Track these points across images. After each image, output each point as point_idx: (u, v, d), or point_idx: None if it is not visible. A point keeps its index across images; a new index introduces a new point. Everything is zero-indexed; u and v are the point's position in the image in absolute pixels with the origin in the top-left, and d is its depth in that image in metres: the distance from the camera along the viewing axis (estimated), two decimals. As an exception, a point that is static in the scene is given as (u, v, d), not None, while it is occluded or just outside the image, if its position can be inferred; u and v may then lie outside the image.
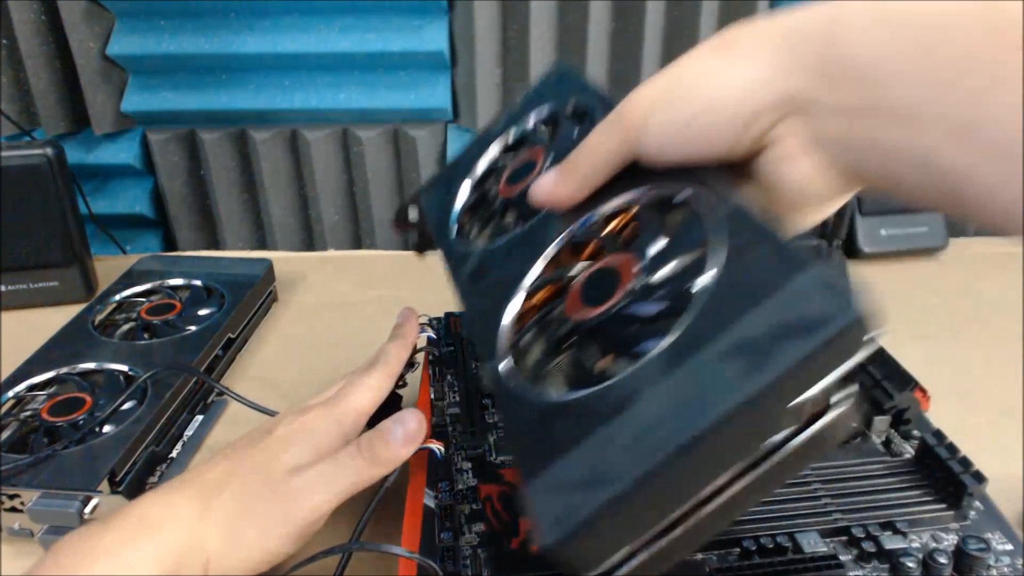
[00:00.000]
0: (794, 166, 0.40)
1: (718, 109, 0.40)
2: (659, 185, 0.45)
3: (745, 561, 0.52)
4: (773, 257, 0.35)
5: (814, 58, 0.37)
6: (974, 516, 0.56)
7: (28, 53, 1.21)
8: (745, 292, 0.35)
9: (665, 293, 0.41)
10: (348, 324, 0.98)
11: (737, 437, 0.33)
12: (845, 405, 0.32)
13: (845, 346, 0.31)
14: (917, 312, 0.97)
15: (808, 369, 0.31)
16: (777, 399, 0.32)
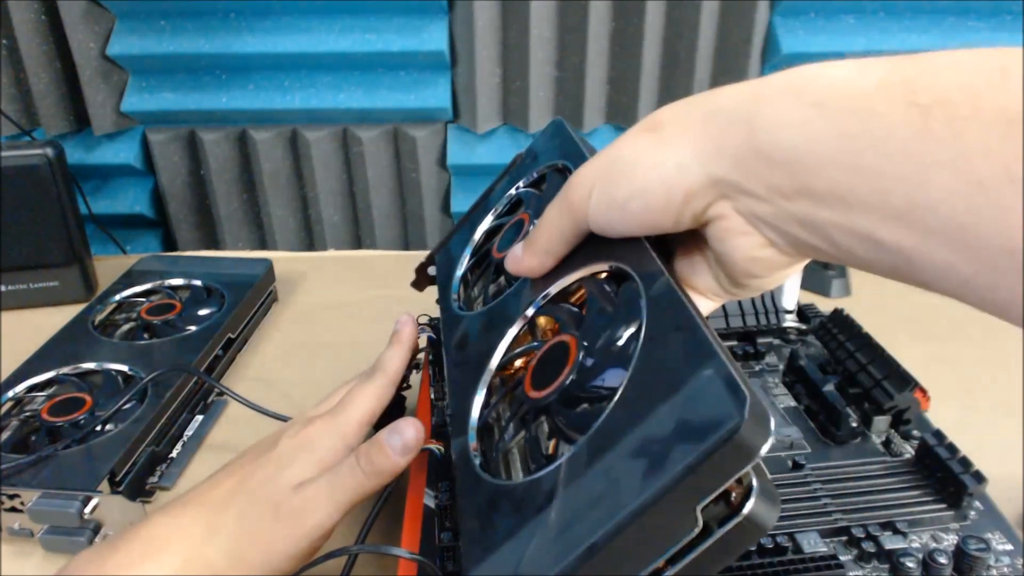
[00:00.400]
0: (739, 242, 0.40)
1: (650, 192, 0.40)
2: (602, 260, 0.46)
3: (745, 561, 0.52)
4: (684, 347, 0.35)
5: (737, 143, 0.37)
6: (974, 516, 0.56)
7: (28, 53, 1.21)
8: (656, 384, 0.35)
9: (596, 378, 0.41)
10: (348, 324, 0.98)
11: (641, 539, 0.32)
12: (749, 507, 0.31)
13: (737, 449, 0.30)
14: (917, 312, 0.97)
15: (703, 472, 0.30)
16: (678, 502, 0.31)
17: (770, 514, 0.32)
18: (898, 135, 0.31)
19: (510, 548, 0.37)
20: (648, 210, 0.41)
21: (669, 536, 0.32)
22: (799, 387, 0.69)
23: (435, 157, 1.32)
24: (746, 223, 0.39)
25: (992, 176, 0.28)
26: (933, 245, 0.31)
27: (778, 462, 0.61)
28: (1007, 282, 0.29)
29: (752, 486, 0.31)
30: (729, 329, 0.75)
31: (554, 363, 0.44)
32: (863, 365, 0.66)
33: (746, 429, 0.29)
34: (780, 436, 0.62)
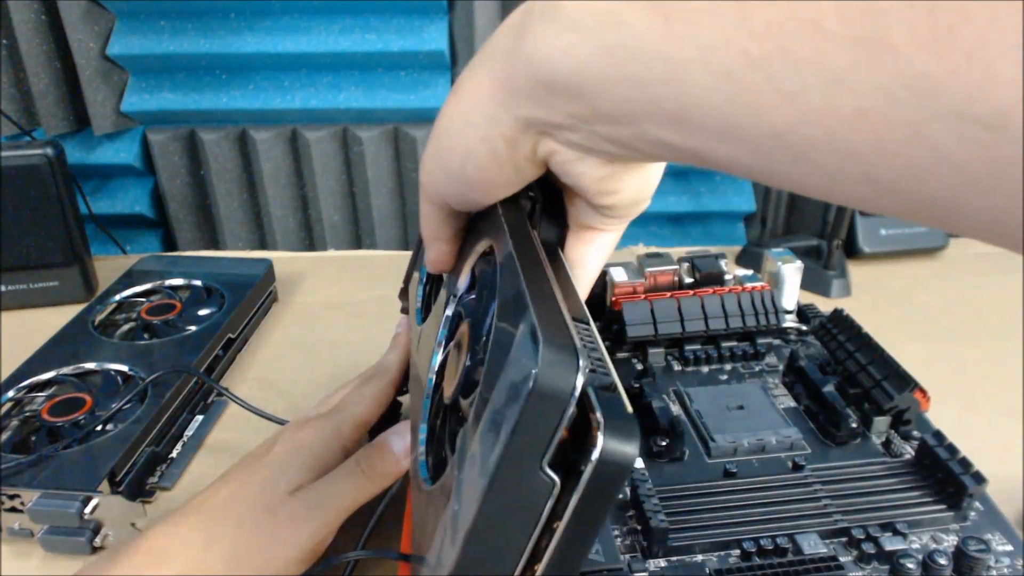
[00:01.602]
0: (580, 168, 0.40)
1: (475, 152, 0.40)
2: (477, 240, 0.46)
3: (745, 562, 0.52)
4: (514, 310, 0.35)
5: (523, 81, 0.36)
6: (974, 517, 0.56)
7: (28, 53, 1.20)
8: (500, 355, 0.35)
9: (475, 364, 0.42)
10: (348, 324, 0.98)
11: (508, 510, 0.32)
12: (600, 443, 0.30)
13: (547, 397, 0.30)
14: (917, 312, 0.97)
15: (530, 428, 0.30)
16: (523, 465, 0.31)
17: (625, 447, 0.30)
18: (648, 41, 0.30)
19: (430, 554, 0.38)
20: (483, 169, 0.41)
21: (532, 505, 0.32)
22: (799, 387, 0.69)
23: (435, 157, 1.32)
24: (572, 151, 0.39)
25: (735, 65, 0.27)
26: (713, 142, 0.30)
27: (778, 463, 0.61)
28: (783, 166, 0.29)
29: (598, 425, 0.30)
30: (729, 329, 0.75)
31: (458, 356, 0.45)
32: (863, 365, 0.66)
33: (543, 377, 0.29)
34: (779, 437, 0.62)
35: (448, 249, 0.49)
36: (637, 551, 0.54)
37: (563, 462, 0.31)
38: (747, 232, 1.38)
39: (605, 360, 0.33)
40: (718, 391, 0.69)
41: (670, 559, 0.53)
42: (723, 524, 0.54)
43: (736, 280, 0.79)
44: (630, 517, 0.56)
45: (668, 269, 0.78)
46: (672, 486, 0.58)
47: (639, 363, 0.74)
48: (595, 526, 0.32)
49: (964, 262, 1.11)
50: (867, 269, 1.07)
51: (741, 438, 0.62)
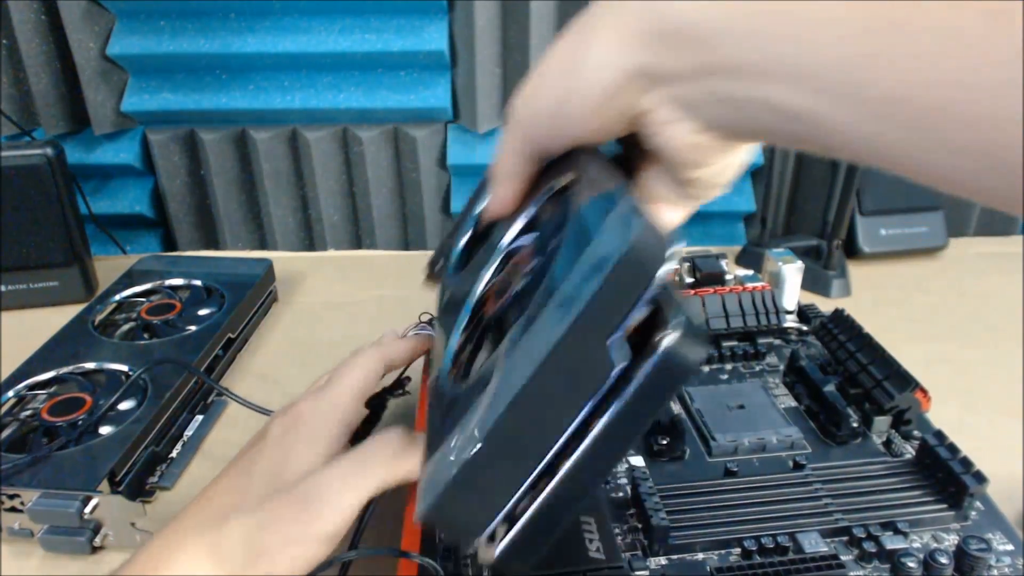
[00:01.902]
0: (674, 131, 0.40)
1: (579, 93, 0.41)
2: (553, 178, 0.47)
3: (746, 561, 0.52)
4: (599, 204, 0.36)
5: (649, 28, 0.37)
6: (975, 516, 0.56)
7: (28, 53, 1.20)
8: (577, 246, 0.35)
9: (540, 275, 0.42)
10: (348, 324, 0.98)
11: (565, 382, 0.32)
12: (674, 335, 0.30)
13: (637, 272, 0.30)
14: (917, 312, 0.97)
15: (608, 302, 0.31)
16: (593, 336, 0.31)
17: (693, 351, 0.31)
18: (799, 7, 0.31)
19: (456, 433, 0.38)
20: (582, 113, 0.41)
21: (588, 379, 0.32)
22: (799, 387, 0.69)
23: (435, 157, 1.32)
24: (674, 110, 0.39)
25: (874, 24, 0.28)
26: (832, 104, 0.31)
27: (779, 462, 0.61)
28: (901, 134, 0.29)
29: (674, 323, 0.31)
30: (730, 329, 0.75)
31: (512, 278, 0.46)
32: (864, 365, 0.66)
33: (636, 251, 0.30)
34: (780, 436, 0.62)
35: (518, 188, 0.49)
36: (638, 549, 0.54)
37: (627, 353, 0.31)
38: (747, 232, 1.38)
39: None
40: (719, 391, 0.69)
41: (671, 557, 0.53)
42: (724, 522, 0.54)
43: (737, 280, 0.79)
44: (631, 515, 0.56)
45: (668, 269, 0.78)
46: (673, 485, 0.58)
47: (640, 363, 0.74)
48: (641, 422, 0.32)
49: (964, 262, 1.11)
50: (867, 269, 1.07)
51: (742, 437, 0.62)
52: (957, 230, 1.22)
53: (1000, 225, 1.30)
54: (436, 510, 0.36)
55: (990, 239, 1.23)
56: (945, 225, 1.12)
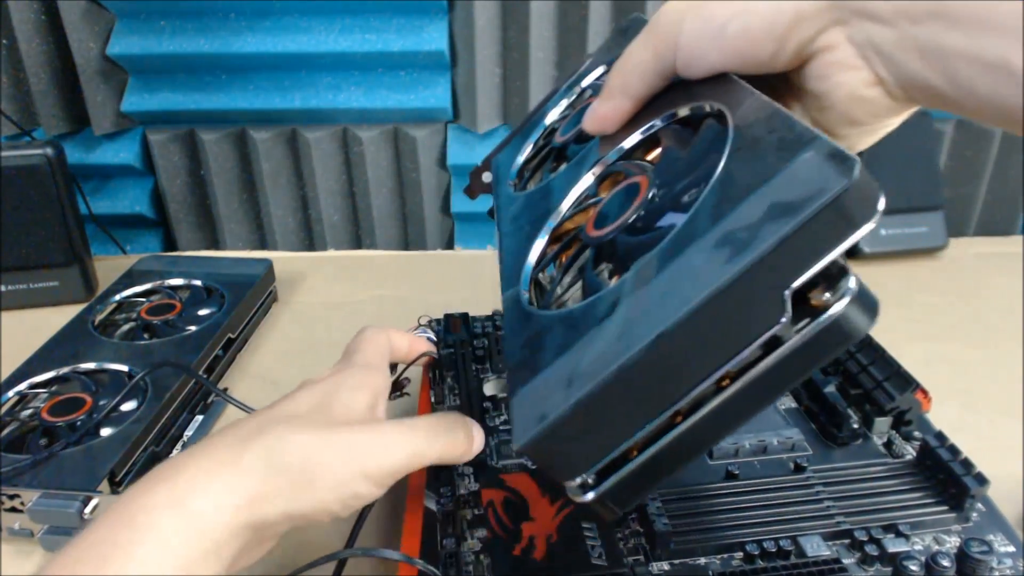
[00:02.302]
0: (845, 78, 0.37)
1: (753, 12, 0.37)
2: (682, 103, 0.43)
3: (748, 565, 0.52)
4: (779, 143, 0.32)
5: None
6: (976, 518, 0.56)
7: (28, 53, 1.20)
8: (743, 182, 0.32)
9: (669, 202, 0.39)
10: (348, 324, 0.97)
11: (720, 330, 0.30)
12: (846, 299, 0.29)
13: (840, 220, 0.28)
14: (917, 312, 0.97)
15: (797, 247, 0.28)
16: (765, 284, 0.29)
17: (863, 320, 0.29)
18: None
19: (560, 363, 0.35)
20: (748, 35, 0.38)
21: (755, 322, 0.30)
22: (799, 388, 0.69)
23: (435, 157, 1.32)
24: (857, 55, 0.36)
25: None
26: None
27: (780, 464, 0.61)
28: None
29: (848, 288, 0.29)
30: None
31: (621, 204, 0.42)
32: (864, 366, 0.66)
33: (854, 193, 0.27)
34: (781, 438, 0.62)
35: (631, 109, 0.46)
36: (640, 554, 0.53)
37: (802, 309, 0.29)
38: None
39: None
40: (719, 392, 0.69)
41: (673, 562, 0.53)
42: (726, 526, 0.54)
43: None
44: (633, 519, 0.56)
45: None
46: (674, 488, 0.57)
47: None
48: (788, 383, 0.31)
49: (964, 262, 1.11)
50: (867, 269, 1.07)
51: (742, 439, 0.62)
52: (957, 230, 1.22)
53: (1000, 225, 1.30)
54: (537, 444, 0.33)
55: (990, 239, 1.23)
56: (945, 225, 1.12)
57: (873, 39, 0.35)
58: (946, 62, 0.32)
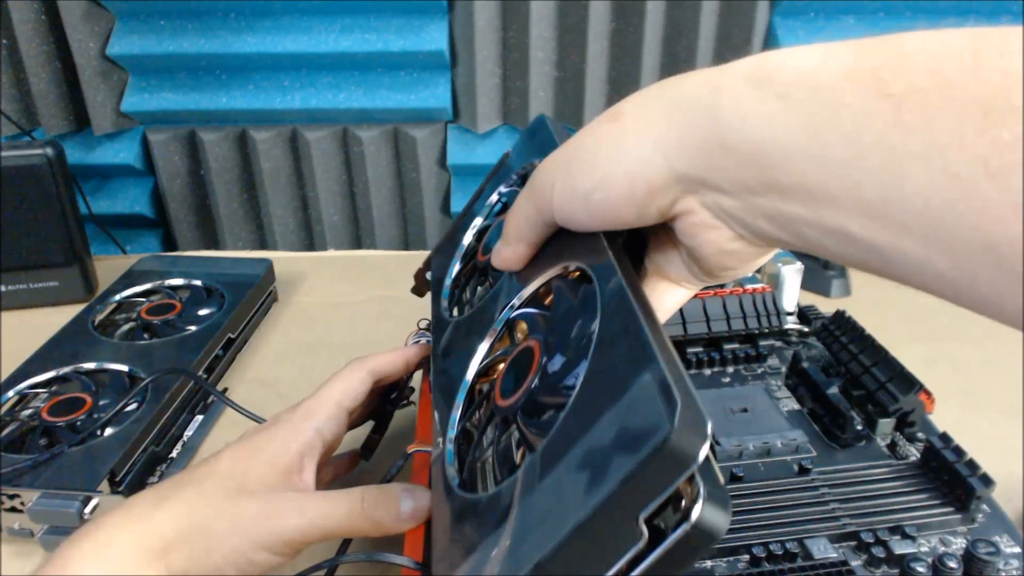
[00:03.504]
0: (709, 236, 0.39)
1: (612, 184, 0.39)
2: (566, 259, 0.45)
3: (754, 568, 0.51)
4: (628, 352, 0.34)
5: (700, 136, 0.35)
6: (981, 519, 0.56)
7: (28, 53, 1.20)
8: (603, 391, 0.34)
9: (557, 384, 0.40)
10: (348, 324, 0.97)
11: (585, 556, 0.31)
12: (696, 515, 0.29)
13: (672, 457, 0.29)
14: (917, 312, 0.96)
15: (642, 482, 0.30)
16: (620, 514, 0.30)
17: (719, 520, 0.30)
18: (869, 127, 0.29)
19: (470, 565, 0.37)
20: (611, 203, 0.39)
21: (614, 549, 0.31)
22: (802, 390, 0.69)
23: (435, 157, 1.32)
24: (713, 217, 0.37)
25: (968, 169, 0.26)
26: (908, 240, 0.29)
27: (784, 466, 0.61)
28: (987, 277, 0.27)
29: (699, 492, 0.30)
30: (731, 331, 0.74)
31: (521, 369, 0.44)
32: (867, 367, 0.66)
33: (676, 438, 0.28)
34: (785, 440, 0.62)
35: (527, 253, 0.48)
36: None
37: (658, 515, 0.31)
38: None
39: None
40: (721, 394, 0.69)
41: (679, 564, 0.53)
42: (731, 529, 0.54)
43: (736, 282, 0.79)
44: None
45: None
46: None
47: (642, 365, 0.74)
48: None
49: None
50: (868, 270, 1.07)
51: (746, 441, 0.62)
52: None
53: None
54: None
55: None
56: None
57: (722, 206, 0.37)
58: (792, 227, 0.34)
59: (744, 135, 0.33)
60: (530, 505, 0.35)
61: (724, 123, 0.34)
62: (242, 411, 0.74)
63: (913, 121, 0.28)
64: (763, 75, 0.33)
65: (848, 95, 0.30)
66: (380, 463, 0.66)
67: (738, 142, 0.34)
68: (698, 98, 0.36)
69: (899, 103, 0.28)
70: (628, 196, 0.39)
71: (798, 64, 0.33)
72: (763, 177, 0.33)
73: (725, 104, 0.34)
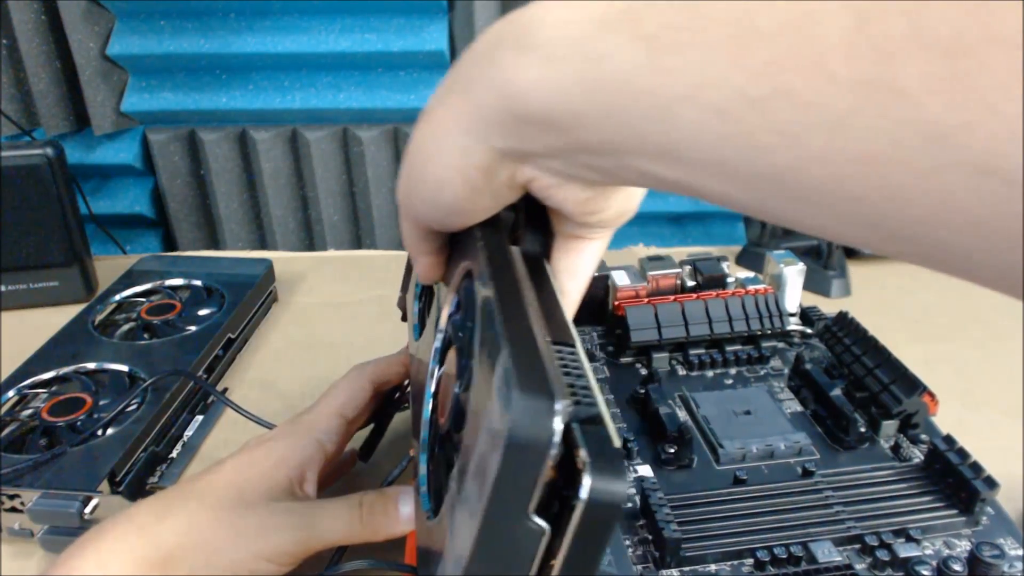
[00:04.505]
0: (561, 194, 0.38)
1: (450, 183, 0.39)
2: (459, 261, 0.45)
3: (759, 572, 0.51)
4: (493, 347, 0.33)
5: (496, 112, 0.35)
6: (986, 522, 0.55)
7: (28, 53, 1.20)
8: (479, 394, 0.34)
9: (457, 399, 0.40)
10: (348, 324, 0.97)
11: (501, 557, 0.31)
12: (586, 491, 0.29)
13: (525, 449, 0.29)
14: (917, 312, 0.96)
15: (512, 484, 0.29)
16: (510, 518, 0.30)
17: (613, 487, 0.29)
18: (632, 75, 0.28)
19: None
20: (459, 198, 0.39)
21: (523, 550, 0.31)
22: (805, 392, 0.68)
23: (435, 158, 1.32)
24: (554, 176, 0.37)
25: (730, 103, 0.26)
26: (706, 178, 0.29)
27: (787, 469, 0.61)
28: (780, 205, 0.27)
29: (586, 465, 0.29)
30: (733, 333, 0.74)
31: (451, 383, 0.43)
32: (870, 369, 0.66)
33: (517, 428, 0.28)
34: (788, 442, 0.62)
35: (433, 261, 0.47)
36: (649, 561, 0.53)
37: (555, 499, 0.30)
38: (747, 231, 1.38)
39: (591, 387, 0.32)
40: (724, 396, 0.69)
41: (683, 569, 0.52)
42: (735, 532, 0.54)
43: (738, 283, 0.79)
44: (641, 527, 0.56)
45: (670, 272, 0.78)
46: (682, 494, 0.57)
47: (643, 368, 0.74)
48: (592, 562, 0.31)
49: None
50: (867, 269, 1.06)
51: (749, 444, 0.62)
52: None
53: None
54: None
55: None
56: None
57: (551, 168, 0.36)
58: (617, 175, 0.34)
59: (531, 105, 0.33)
60: (453, 525, 0.35)
61: (508, 95, 0.33)
62: (242, 411, 0.74)
63: (671, 62, 0.27)
64: (523, 37, 0.33)
65: (606, 43, 0.29)
66: (380, 463, 0.66)
67: (528, 113, 0.33)
68: (479, 73, 0.35)
69: (654, 44, 0.28)
70: (468, 188, 0.38)
71: (553, 20, 0.32)
72: (566, 140, 0.33)
73: (502, 76, 0.34)
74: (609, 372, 0.73)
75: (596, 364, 0.74)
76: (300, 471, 0.53)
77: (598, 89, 0.30)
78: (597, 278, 0.77)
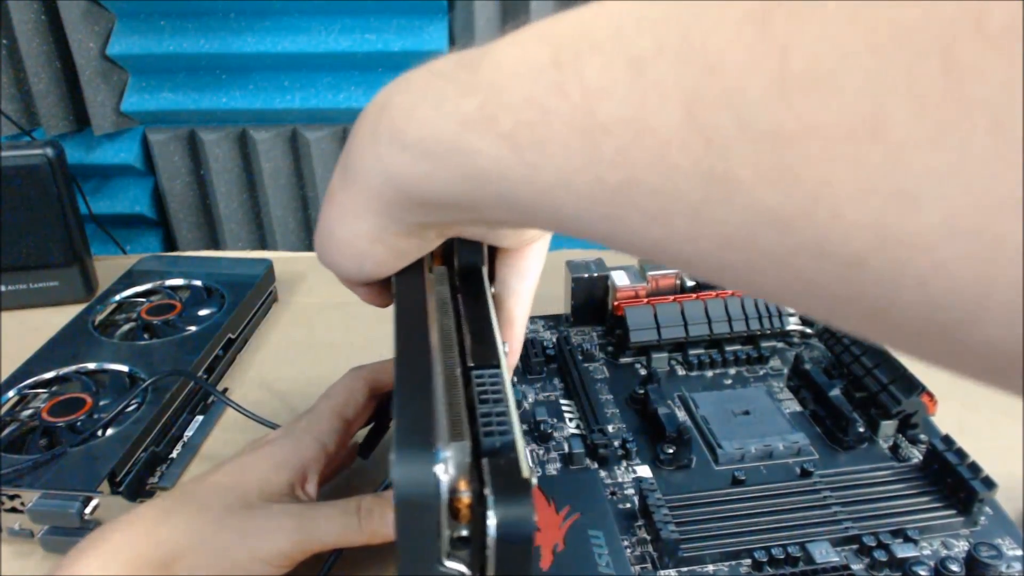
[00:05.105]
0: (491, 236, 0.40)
1: (371, 255, 0.40)
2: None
3: (757, 572, 0.51)
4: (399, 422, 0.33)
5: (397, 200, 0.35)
6: (984, 522, 0.55)
7: (28, 53, 1.20)
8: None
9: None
10: (348, 324, 0.97)
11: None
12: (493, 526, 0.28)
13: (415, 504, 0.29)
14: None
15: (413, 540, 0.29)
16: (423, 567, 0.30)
17: (519, 514, 0.29)
18: (505, 168, 0.29)
19: None
20: (384, 264, 0.40)
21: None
22: (804, 392, 0.69)
23: (435, 158, 1.32)
24: (478, 227, 0.39)
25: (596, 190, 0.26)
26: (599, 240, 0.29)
27: (786, 469, 0.61)
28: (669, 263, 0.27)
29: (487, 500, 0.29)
30: (733, 333, 0.74)
31: None
32: (869, 369, 0.66)
33: (401, 486, 0.28)
34: (787, 442, 0.62)
35: (370, 293, 0.48)
36: (648, 562, 0.53)
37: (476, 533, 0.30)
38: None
39: (507, 412, 0.32)
40: (723, 396, 0.69)
41: (681, 570, 0.52)
42: (733, 533, 0.54)
43: (740, 283, 0.79)
44: (639, 527, 0.56)
45: (670, 273, 0.78)
46: (680, 495, 0.57)
47: (643, 368, 0.74)
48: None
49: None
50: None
51: (748, 444, 0.62)
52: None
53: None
54: None
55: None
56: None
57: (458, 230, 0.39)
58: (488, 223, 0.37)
59: (425, 195, 0.34)
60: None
61: (402, 187, 0.34)
62: (243, 411, 0.74)
63: (534, 157, 0.27)
64: (401, 136, 0.33)
65: (471, 143, 0.30)
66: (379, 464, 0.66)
67: (423, 200, 0.34)
68: (373, 167, 0.36)
69: (514, 142, 0.28)
70: (392, 252, 0.40)
71: (420, 119, 0.32)
72: (470, 215, 0.34)
73: (391, 170, 0.34)
74: (608, 372, 0.73)
75: (596, 364, 0.74)
76: (302, 472, 0.54)
77: (480, 181, 0.30)
78: (597, 278, 0.78)
